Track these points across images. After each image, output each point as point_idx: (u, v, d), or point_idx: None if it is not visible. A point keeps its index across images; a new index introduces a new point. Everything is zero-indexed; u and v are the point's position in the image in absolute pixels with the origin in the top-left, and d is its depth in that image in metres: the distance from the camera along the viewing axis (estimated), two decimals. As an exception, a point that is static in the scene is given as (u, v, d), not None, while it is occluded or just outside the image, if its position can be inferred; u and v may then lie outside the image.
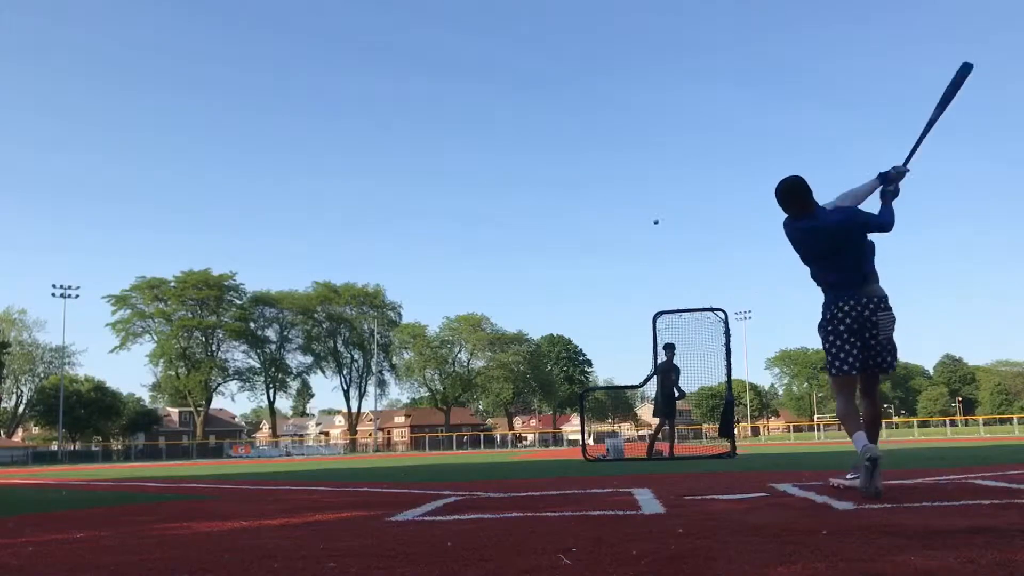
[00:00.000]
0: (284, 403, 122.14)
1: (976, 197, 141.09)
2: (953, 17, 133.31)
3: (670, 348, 13.19)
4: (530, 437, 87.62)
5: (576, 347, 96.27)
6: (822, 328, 4.70)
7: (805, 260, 4.80)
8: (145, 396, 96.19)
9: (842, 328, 4.59)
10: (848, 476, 4.97)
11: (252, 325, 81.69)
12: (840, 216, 4.62)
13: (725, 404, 13.02)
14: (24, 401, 79.90)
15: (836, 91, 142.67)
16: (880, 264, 4.66)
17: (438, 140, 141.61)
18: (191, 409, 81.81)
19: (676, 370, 13.47)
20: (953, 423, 71.22)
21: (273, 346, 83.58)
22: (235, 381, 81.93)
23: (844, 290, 4.61)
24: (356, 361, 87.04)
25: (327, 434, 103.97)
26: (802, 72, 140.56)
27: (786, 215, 4.78)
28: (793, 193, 4.70)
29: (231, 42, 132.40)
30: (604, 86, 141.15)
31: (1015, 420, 56.50)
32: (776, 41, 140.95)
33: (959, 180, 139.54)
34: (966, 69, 4.76)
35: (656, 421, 14.42)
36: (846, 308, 4.57)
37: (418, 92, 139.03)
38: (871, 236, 4.64)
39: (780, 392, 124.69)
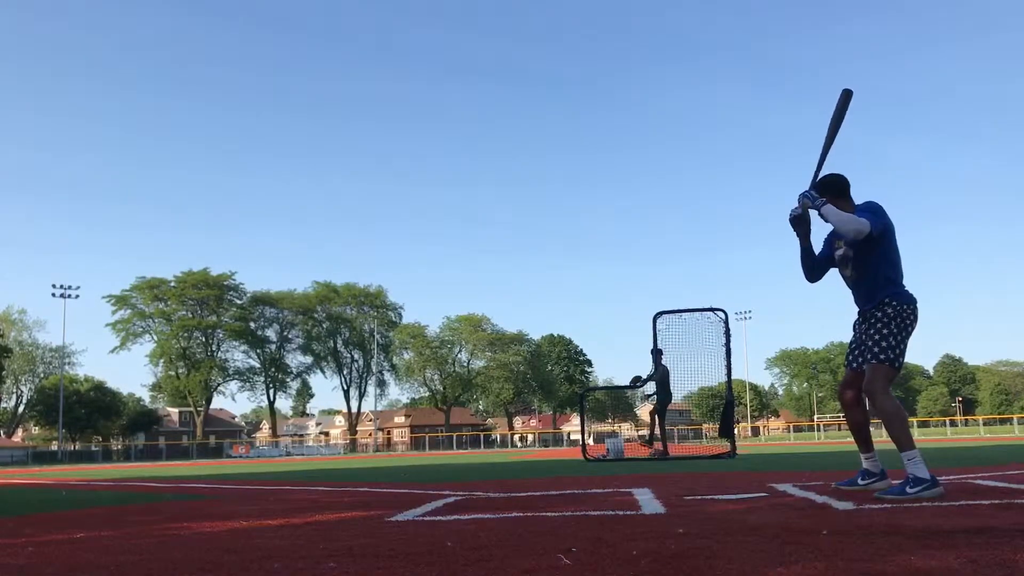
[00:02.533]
0: (284, 403, 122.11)
1: (976, 196, 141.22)
2: (955, 16, 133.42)
3: (657, 353, 13.29)
4: (530, 437, 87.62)
5: (576, 347, 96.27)
6: (903, 318, 4.50)
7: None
8: (145, 396, 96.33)
9: (911, 329, 4.55)
10: (860, 482, 4.88)
11: (252, 325, 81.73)
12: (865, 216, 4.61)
13: (725, 404, 13.04)
14: (24, 401, 79.92)
15: (838, 91, 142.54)
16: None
17: (438, 140, 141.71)
18: (191, 409, 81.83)
19: (661, 372, 13.61)
20: (953, 423, 71.20)
21: (273, 346, 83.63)
22: (235, 381, 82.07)
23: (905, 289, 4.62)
24: (356, 361, 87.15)
25: (327, 434, 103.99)
26: (805, 71, 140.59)
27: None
28: (828, 188, 4.70)
29: (231, 42, 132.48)
30: (606, 86, 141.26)
31: (1015, 420, 56.56)
32: (778, 40, 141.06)
33: (959, 179, 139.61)
34: (847, 96, 4.76)
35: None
36: (916, 312, 4.57)
37: (418, 91, 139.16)
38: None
39: (780, 392, 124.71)
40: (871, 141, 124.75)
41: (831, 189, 4.69)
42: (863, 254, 4.57)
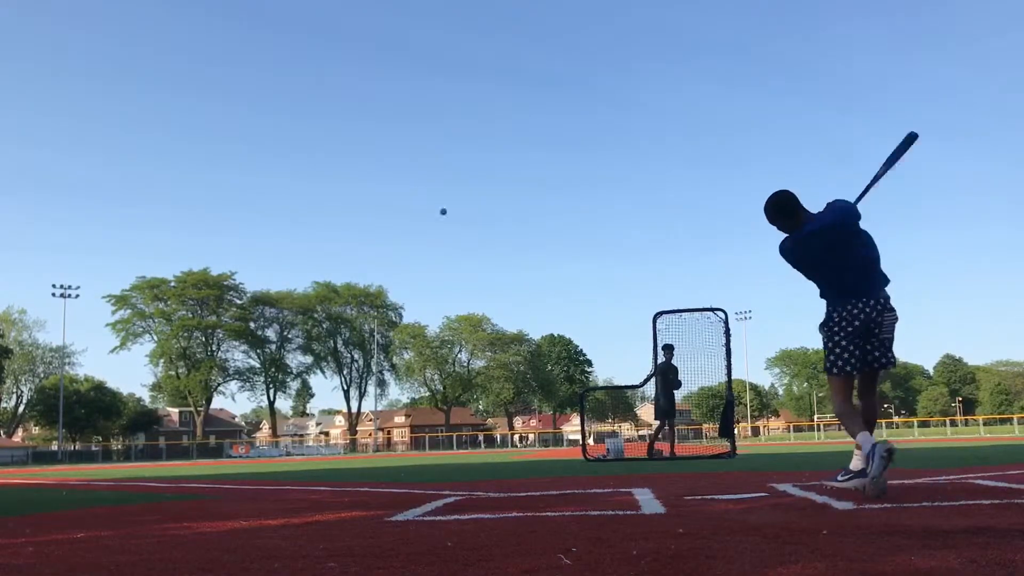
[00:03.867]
0: (284, 403, 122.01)
1: (976, 197, 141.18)
2: (957, 16, 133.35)
3: (668, 349, 13.20)
4: (530, 437, 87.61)
5: (576, 347, 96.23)
6: (825, 327, 4.62)
7: (810, 272, 4.74)
8: (145, 396, 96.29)
9: (848, 330, 4.53)
10: (840, 477, 4.90)
11: (252, 325, 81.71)
12: (830, 214, 4.61)
13: (725, 404, 13.02)
14: (24, 401, 79.93)
15: (840, 91, 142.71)
16: (881, 263, 4.63)
17: (438, 139, 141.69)
18: (191, 409, 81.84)
19: (674, 370, 13.47)
20: (953, 423, 71.27)
21: (273, 346, 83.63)
22: (235, 381, 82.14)
23: (853, 294, 4.55)
24: (356, 361, 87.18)
25: (327, 434, 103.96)
26: (807, 72, 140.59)
27: (781, 234, 4.78)
28: (782, 208, 4.69)
29: (231, 42, 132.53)
30: (605, 85, 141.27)
31: (1015, 420, 56.54)
32: (780, 40, 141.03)
33: (959, 180, 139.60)
34: (911, 138, 4.74)
35: (657, 421, 14.41)
36: (855, 311, 4.51)
37: (418, 91, 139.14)
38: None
39: (780, 392, 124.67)
40: (872, 141, 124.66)
41: (782, 212, 4.68)
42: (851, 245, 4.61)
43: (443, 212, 13.85)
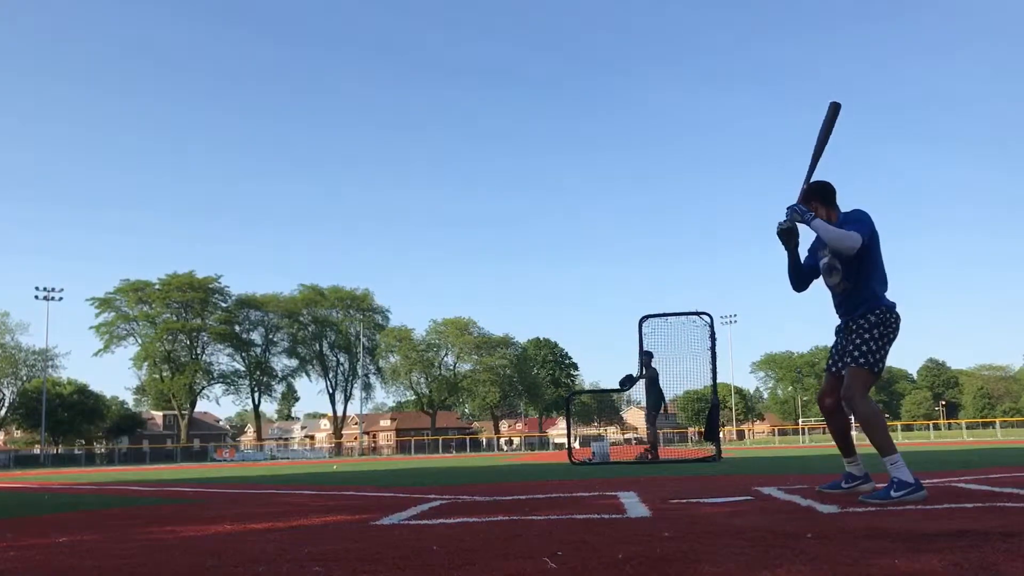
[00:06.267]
0: (269, 406, 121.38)
1: (963, 202, 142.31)
2: (958, 18, 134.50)
3: (647, 355, 13.22)
4: (516, 440, 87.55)
5: (562, 350, 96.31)
6: (883, 325, 4.49)
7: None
8: (129, 399, 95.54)
9: (893, 336, 4.54)
10: (844, 484, 4.88)
11: (237, 328, 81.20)
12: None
13: (710, 408, 13.05)
14: (6, 404, 79.10)
15: (835, 92, 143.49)
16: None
17: (428, 142, 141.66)
18: (175, 412, 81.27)
19: (651, 374, 13.53)
20: (936, 427, 71.65)
21: (258, 349, 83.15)
22: (220, 384, 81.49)
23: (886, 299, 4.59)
24: (342, 364, 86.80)
25: (312, 437, 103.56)
26: (800, 74, 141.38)
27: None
28: (814, 194, 4.71)
29: (218, 44, 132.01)
30: (594, 88, 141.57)
31: (997, 424, 56.98)
32: (773, 42, 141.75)
33: (945, 185, 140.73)
34: (835, 108, 4.72)
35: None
36: (898, 320, 4.55)
37: (406, 95, 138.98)
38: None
39: (765, 396, 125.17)
40: (861, 148, 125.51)
41: (818, 195, 4.70)
42: (853, 265, 4.55)
43: None
